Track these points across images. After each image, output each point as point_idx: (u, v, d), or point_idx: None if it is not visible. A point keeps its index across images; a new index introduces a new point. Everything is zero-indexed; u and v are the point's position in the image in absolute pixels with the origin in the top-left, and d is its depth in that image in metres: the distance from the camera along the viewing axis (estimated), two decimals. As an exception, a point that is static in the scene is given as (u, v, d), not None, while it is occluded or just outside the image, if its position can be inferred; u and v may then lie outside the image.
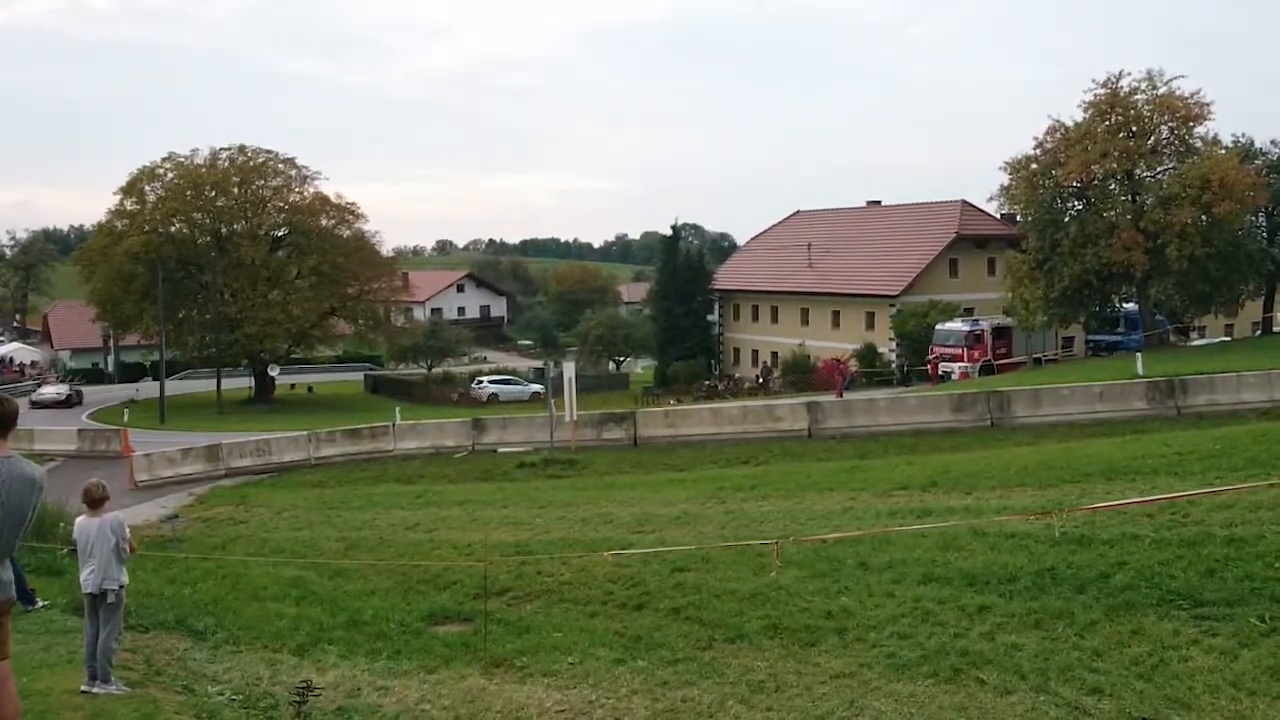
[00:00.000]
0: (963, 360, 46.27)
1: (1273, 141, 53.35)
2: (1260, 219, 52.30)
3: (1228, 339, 55.13)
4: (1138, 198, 44.93)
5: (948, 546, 11.40)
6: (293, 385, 66.90)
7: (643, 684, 8.48)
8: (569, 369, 28.88)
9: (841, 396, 37.59)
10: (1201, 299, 48.45)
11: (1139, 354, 35.69)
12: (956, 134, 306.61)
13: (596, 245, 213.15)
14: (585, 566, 12.73)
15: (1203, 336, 56.63)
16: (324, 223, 62.09)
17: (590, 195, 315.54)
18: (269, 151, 62.03)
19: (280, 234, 62.69)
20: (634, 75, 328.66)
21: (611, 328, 73.69)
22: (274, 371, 60.65)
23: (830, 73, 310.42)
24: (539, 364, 56.40)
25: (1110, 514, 11.73)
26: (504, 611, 11.51)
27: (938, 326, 48.60)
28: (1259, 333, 57.00)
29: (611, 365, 74.02)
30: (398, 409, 42.63)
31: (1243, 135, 52.84)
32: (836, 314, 59.43)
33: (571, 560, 13.10)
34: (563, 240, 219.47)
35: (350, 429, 32.08)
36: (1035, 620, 8.78)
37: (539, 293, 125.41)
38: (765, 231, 73.31)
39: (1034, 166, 46.68)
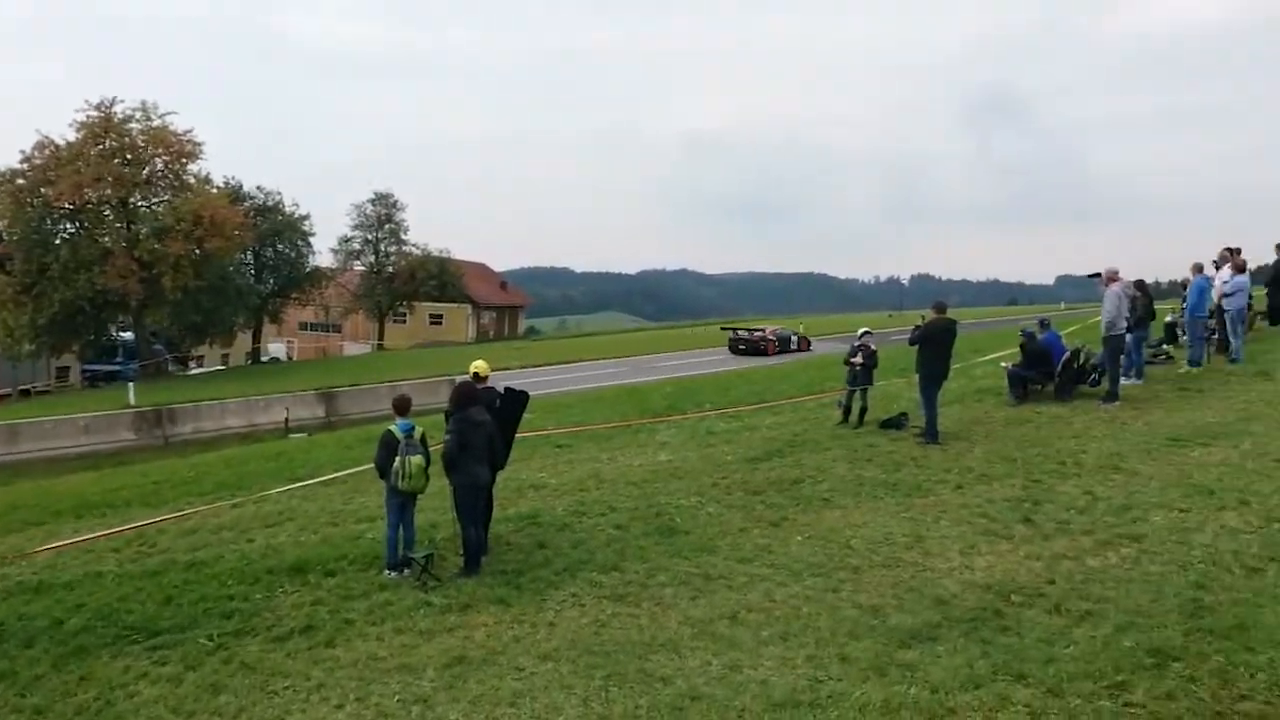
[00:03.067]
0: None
1: (259, 187, 58.68)
2: (249, 257, 56.77)
3: (223, 367, 58.33)
4: (133, 226, 44.62)
5: None
6: None
7: None
8: None
9: None
10: (197, 329, 50.38)
11: (132, 384, 35.30)
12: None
13: None
14: None
15: (201, 365, 58.89)
16: None
17: None
18: None
19: None
20: None
21: None
22: None
23: None
24: None
25: (76, 553, 11.05)
26: None
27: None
28: (250, 361, 61.71)
29: None
30: None
31: (234, 178, 56.93)
32: None
33: None
34: None
35: None
36: (-27, 689, 7.64)
37: None
38: None
39: (20, 182, 43.07)
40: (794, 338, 41.94)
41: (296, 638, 8.11)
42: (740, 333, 42.45)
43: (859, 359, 14.89)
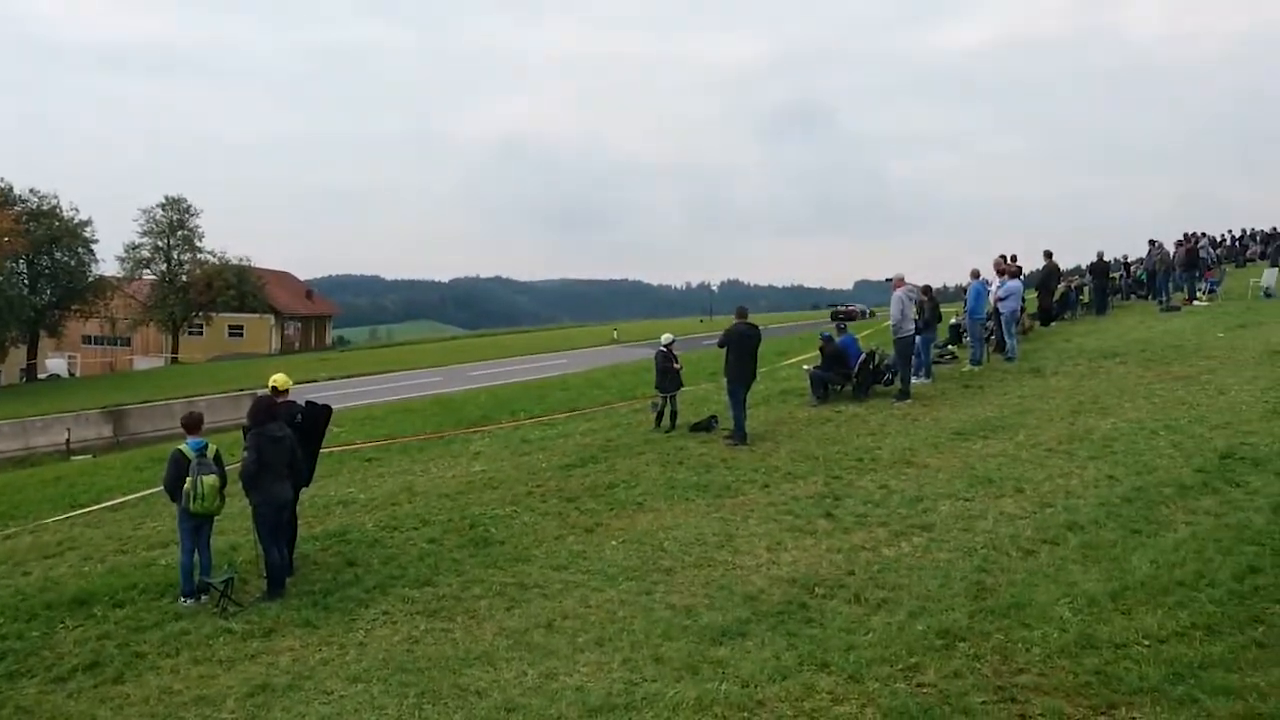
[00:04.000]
0: None
1: (31, 190, 54.23)
2: (21, 266, 52.38)
3: (-6, 387, 53.58)
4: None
5: None
6: None
7: None
8: None
9: None
10: (-38, 345, 45.97)
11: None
12: None
13: None
14: None
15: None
16: None
17: None
18: None
19: None
20: None
21: None
22: None
23: None
24: None
25: None
26: None
27: None
28: (26, 379, 56.92)
29: None
30: None
31: (2, 180, 52.39)
32: None
33: None
34: None
35: None
36: None
37: None
38: None
39: None
40: (869, 311, 63.79)
41: (80, 676, 7.54)
42: (839, 308, 64.41)
43: (679, 364, 15.29)
